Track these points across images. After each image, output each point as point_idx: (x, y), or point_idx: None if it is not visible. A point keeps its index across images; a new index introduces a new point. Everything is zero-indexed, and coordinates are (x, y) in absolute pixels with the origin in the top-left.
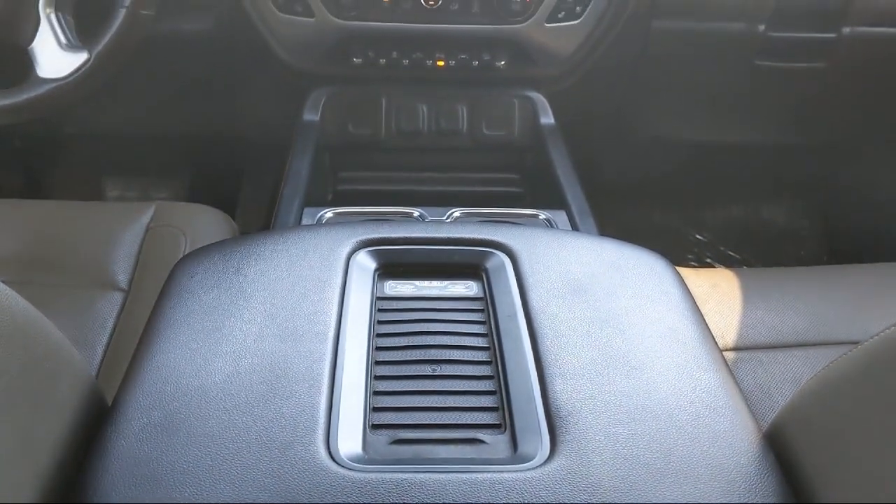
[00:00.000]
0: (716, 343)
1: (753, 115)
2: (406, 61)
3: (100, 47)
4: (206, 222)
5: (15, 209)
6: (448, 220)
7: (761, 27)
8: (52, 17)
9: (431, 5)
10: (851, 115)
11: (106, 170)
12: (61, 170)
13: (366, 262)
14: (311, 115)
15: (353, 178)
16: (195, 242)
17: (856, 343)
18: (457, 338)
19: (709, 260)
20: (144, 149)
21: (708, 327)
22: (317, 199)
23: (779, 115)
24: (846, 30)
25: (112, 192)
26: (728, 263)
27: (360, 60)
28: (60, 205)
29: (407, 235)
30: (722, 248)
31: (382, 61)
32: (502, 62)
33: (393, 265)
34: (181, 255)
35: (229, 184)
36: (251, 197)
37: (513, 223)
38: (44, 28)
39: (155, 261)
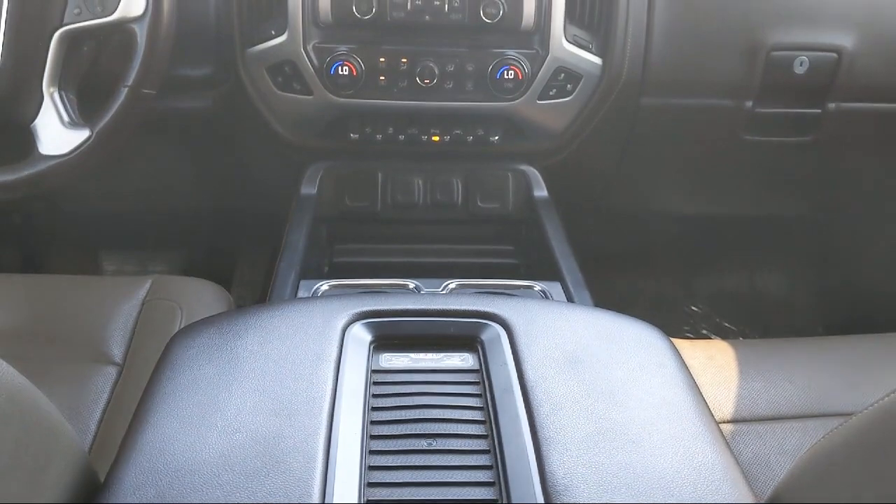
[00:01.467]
0: (712, 416)
1: (743, 187)
2: (402, 136)
3: (101, 125)
4: (202, 296)
5: (11, 283)
6: (443, 292)
7: (748, 103)
8: (56, 95)
9: (427, 84)
10: (839, 187)
11: (103, 244)
12: (59, 244)
13: (361, 335)
14: (308, 189)
15: (350, 250)
16: (191, 316)
17: (850, 415)
18: (452, 411)
19: (704, 331)
20: (142, 223)
21: (704, 400)
22: (313, 272)
23: (768, 188)
24: (831, 105)
25: (109, 266)
26: (723, 334)
27: (357, 136)
28: (57, 279)
29: (402, 307)
30: (717, 319)
31: (379, 136)
32: (496, 137)
33: (388, 337)
34: (176, 329)
35: (225, 256)
36: (247, 269)
37: (508, 294)
38: (47, 106)
39: (150, 334)
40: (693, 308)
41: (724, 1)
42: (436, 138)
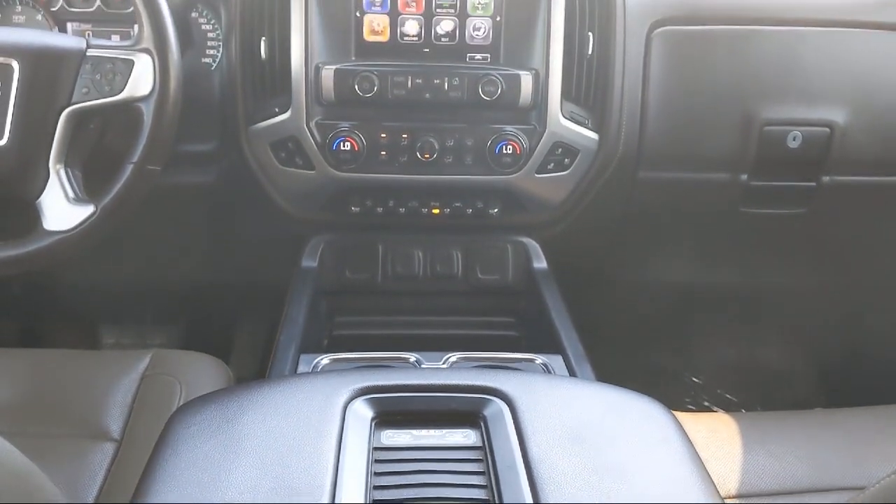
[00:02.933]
0: (717, 491)
1: (741, 258)
2: (402, 209)
3: (106, 201)
4: (202, 370)
5: (10, 358)
6: (444, 366)
7: (744, 177)
8: (62, 171)
9: (427, 158)
10: (836, 258)
11: (102, 317)
12: (59, 318)
13: (363, 411)
14: (309, 262)
15: (350, 323)
16: (190, 391)
17: (858, 489)
18: (456, 490)
19: (706, 403)
20: (141, 295)
21: (709, 474)
22: (313, 345)
23: (766, 258)
24: (826, 178)
25: (108, 339)
26: (725, 406)
27: (357, 209)
28: (56, 353)
29: (403, 383)
30: (719, 391)
31: (379, 209)
32: (495, 210)
33: (390, 414)
34: (175, 404)
35: (225, 329)
36: (247, 342)
37: (510, 369)
38: (52, 182)
39: (149, 410)
40: (694, 379)
41: (716, 77)
42: (436, 211)
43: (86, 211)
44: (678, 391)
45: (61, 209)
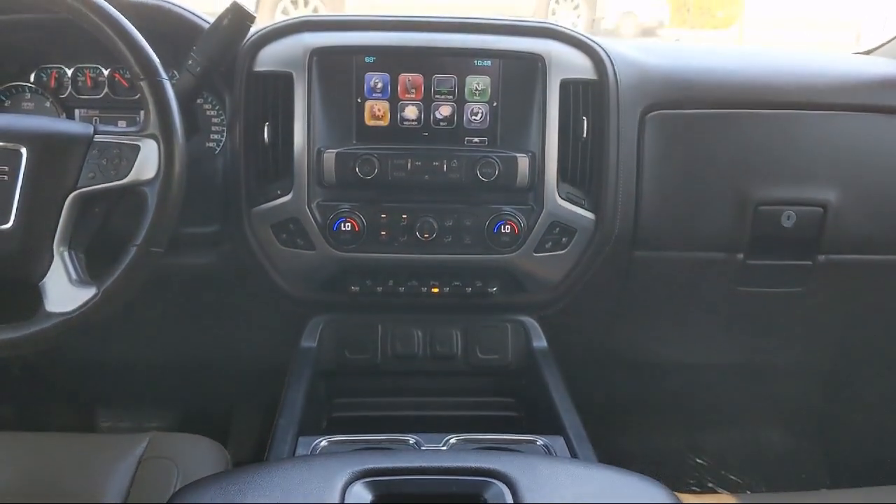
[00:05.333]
0: None
1: (740, 337)
2: (402, 289)
3: (108, 283)
4: (200, 453)
5: (7, 442)
6: (444, 448)
7: (740, 256)
8: (65, 254)
9: (426, 238)
10: (835, 337)
11: (101, 399)
12: (56, 399)
13: (362, 495)
14: (308, 343)
15: (349, 404)
16: (188, 475)
17: None
18: None
19: (710, 484)
20: (139, 377)
21: None
22: (312, 427)
23: (765, 338)
24: (821, 257)
25: (105, 422)
26: (729, 487)
27: (357, 288)
28: (53, 437)
29: (403, 465)
30: (723, 472)
31: (379, 289)
32: (494, 289)
33: (390, 497)
34: (173, 489)
35: (223, 410)
36: (245, 424)
37: (511, 450)
38: (56, 265)
39: (147, 495)
40: (698, 460)
41: (710, 159)
42: (435, 290)
43: (88, 293)
44: (681, 472)
45: (64, 291)
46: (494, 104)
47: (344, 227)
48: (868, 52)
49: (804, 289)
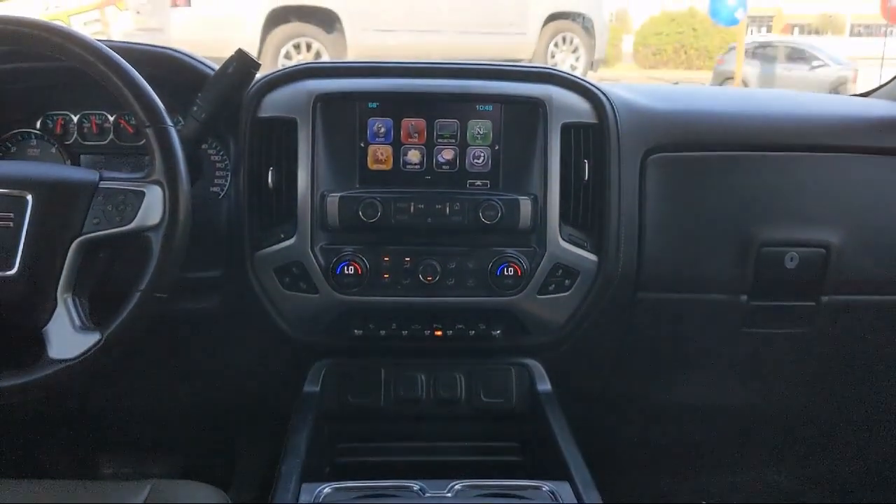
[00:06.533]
0: None
1: (745, 379)
2: (405, 332)
3: (111, 329)
4: (202, 502)
5: (8, 490)
6: (449, 495)
7: (743, 297)
8: (69, 300)
9: (429, 281)
10: (841, 378)
11: (103, 445)
12: (57, 445)
13: None
14: (311, 387)
15: (352, 449)
16: None
17: None
18: None
19: None
20: (142, 422)
21: None
22: (315, 473)
23: (771, 380)
24: (825, 298)
25: (107, 469)
26: None
27: (360, 332)
28: (54, 485)
29: None
30: None
31: (382, 332)
32: (498, 331)
33: None
34: None
35: (225, 456)
36: (248, 469)
37: (516, 497)
38: (59, 311)
39: None
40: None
41: (712, 200)
42: (438, 333)
43: (91, 339)
44: None
45: (67, 337)
46: (496, 148)
47: (347, 270)
48: (867, 94)
49: (809, 330)
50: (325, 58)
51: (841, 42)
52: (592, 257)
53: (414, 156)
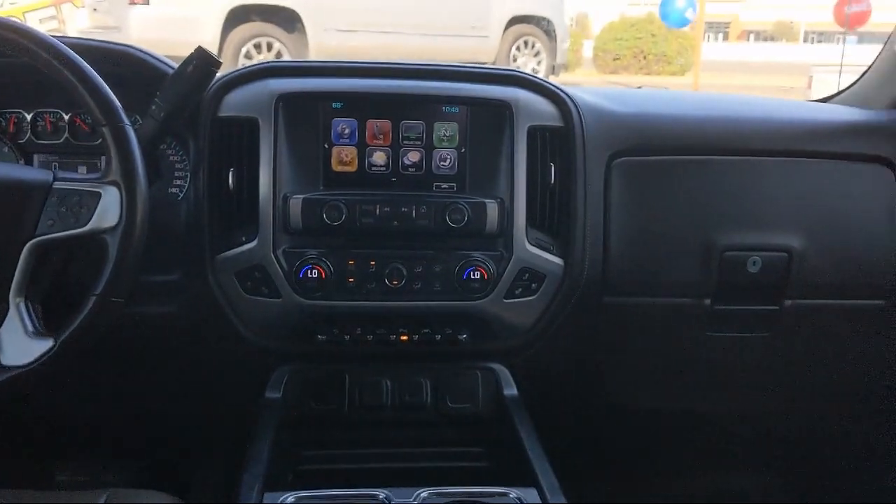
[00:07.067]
0: None
1: (711, 382)
2: (370, 337)
3: (66, 335)
4: None
5: None
6: (415, 502)
7: (707, 301)
8: (21, 305)
9: (395, 285)
10: (805, 383)
11: (58, 453)
12: (10, 453)
13: None
14: (273, 393)
15: (316, 456)
16: None
17: None
18: None
19: None
20: (99, 429)
21: None
22: (277, 481)
23: (735, 384)
24: (788, 302)
25: (62, 476)
26: None
27: (324, 337)
28: (7, 494)
29: None
30: None
31: (347, 337)
32: (464, 336)
33: None
34: None
35: (184, 463)
36: (207, 478)
37: None
38: (11, 316)
39: None
40: None
41: (675, 205)
42: (404, 338)
43: (44, 345)
44: None
45: (19, 343)
46: (463, 150)
47: (310, 274)
48: (826, 100)
49: (772, 333)
50: (287, 57)
51: (795, 49)
52: (559, 261)
53: (379, 157)
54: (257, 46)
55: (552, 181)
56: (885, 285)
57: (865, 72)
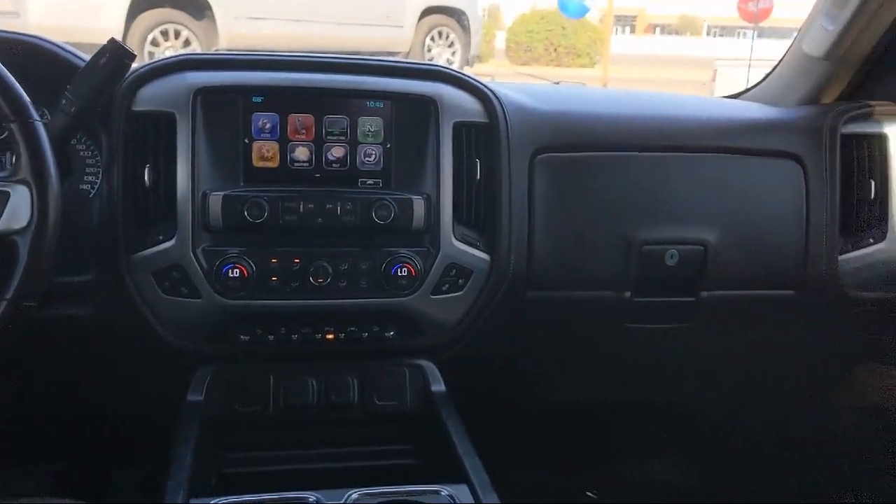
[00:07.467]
0: None
1: (633, 374)
2: (295, 336)
3: None
4: None
5: None
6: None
7: (627, 294)
8: None
9: (320, 283)
10: (721, 373)
11: None
12: None
13: None
14: (195, 396)
15: (241, 459)
16: None
17: None
18: None
19: None
20: (11, 436)
21: None
22: (202, 487)
23: (654, 374)
24: (704, 294)
25: None
26: None
27: (247, 337)
28: None
29: None
30: None
31: (271, 337)
32: (391, 333)
33: None
34: None
35: (102, 470)
36: (128, 486)
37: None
38: None
39: None
40: (589, 494)
41: (596, 200)
42: (330, 337)
43: None
44: None
45: None
46: (388, 146)
47: (232, 273)
48: (736, 96)
49: (689, 324)
50: (196, 46)
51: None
52: (485, 256)
53: (302, 153)
54: (164, 34)
55: (478, 177)
56: (794, 276)
57: (774, 69)
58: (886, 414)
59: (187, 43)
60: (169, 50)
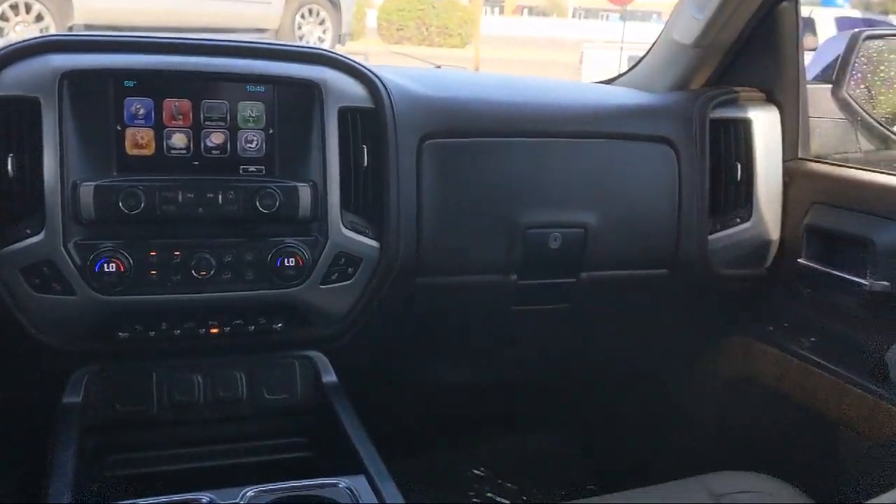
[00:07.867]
0: None
1: (518, 354)
2: (177, 331)
3: None
4: None
5: None
6: (242, 502)
7: (513, 277)
8: None
9: (203, 276)
10: (597, 348)
11: None
12: None
13: None
14: (72, 398)
15: (126, 461)
16: None
17: None
18: None
19: (489, 494)
20: None
21: None
22: (86, 493)
23: (539, 353)
24: (584, 275)
25: None
26: (508, 496)
27: (126, 334)
28: None
29: None
30: (499, 481)
31: (151, 333)
32: (279, 325)
33: None
34: None
35: None
36: (4, 492)
37: (314, 497)
38: None
39: None
40: (475, 472)
41: (481, 186)
42: (215, 331)
43: None
44: (464, 486)
45: None
46: (271, 132)
47: (107, 267)
48: (610, 82)
49: (570, 305)
50: (48, 21)
51: (565, 24)
52: (374, 244)
53: (179, 140)
54: (14, 7)
55: (365, 164)
56: (668, 256)
57: (645, 56)
58: (749, 382)
59: (40, 18)
60: (20, 25)
